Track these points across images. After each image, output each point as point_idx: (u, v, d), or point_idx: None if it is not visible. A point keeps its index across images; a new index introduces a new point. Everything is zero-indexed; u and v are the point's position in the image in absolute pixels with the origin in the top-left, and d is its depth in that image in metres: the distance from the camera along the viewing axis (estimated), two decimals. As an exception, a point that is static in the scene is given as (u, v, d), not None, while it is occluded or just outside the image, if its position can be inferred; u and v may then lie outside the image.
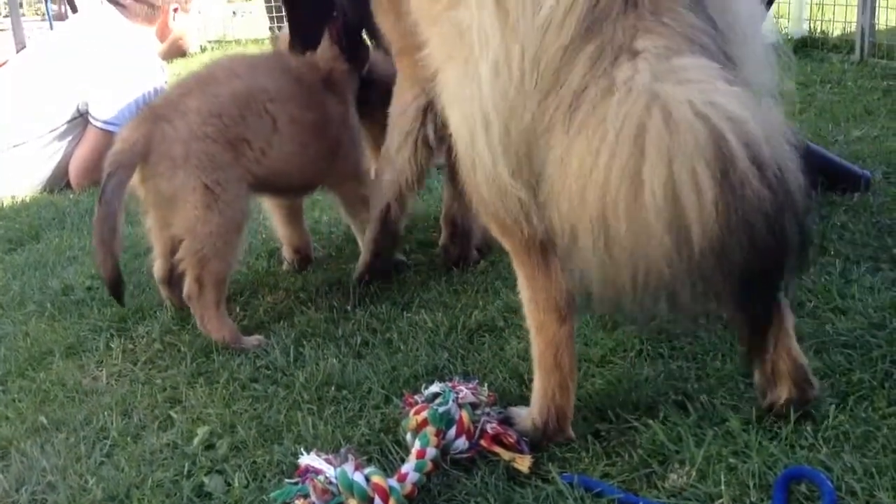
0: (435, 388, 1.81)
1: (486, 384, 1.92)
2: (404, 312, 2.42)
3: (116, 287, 2.31)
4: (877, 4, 5.69)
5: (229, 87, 2.42)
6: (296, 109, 2.49)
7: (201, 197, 2.29)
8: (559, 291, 1.67)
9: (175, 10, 4.33)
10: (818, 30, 6.46)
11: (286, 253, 2.86)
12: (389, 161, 2.48)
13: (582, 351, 2.08)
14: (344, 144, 2.65)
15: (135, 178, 2.32)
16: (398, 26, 2.24)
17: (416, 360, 2.12)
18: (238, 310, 2.56)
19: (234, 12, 11.14)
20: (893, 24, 6.55)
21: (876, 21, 5.71)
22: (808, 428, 1.65)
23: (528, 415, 1.75)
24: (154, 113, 2.37)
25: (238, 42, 9.13)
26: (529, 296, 1.71)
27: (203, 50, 8.54)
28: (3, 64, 4.63)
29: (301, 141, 2.50)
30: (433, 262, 2.78)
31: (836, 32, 6.30)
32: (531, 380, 1.96)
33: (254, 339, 2.32)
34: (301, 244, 2.85)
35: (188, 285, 2.33)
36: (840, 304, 2.16)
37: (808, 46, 6.22)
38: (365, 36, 2.81)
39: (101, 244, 2.25)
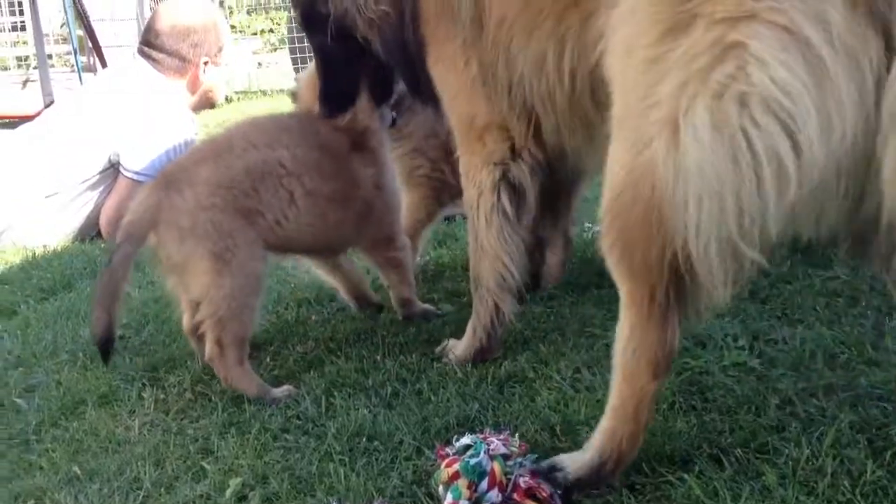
0: (466, 439, 1.81)
1: (517, 435, 1.92)
2: (434, 362, 2.43)
3: (105, 345, 2.29)
4: None
5: (244, 159, 2.41)
6: (315, 181, 2.47)
7: (211, 264, 2.30)
8: (665, 346, 1.66)
9: (206, 63, 4.42)
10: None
11: (346, 300, 2.88)
12: (482, 249, 2.36)
13: (613, 402, 2.07)
14: (376, 209, 2.63)
15: (153, 241, 2.36)
16: (474, 86, 2.22)
17: (447, 410, 2.12)
18: (268, 359, 2.57)
19: (259, 63, 11.33)
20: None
21: None
22: (846, 483, 1.64)
23: (584, 456, 1.74)
24: (166, 180, 2.39)
25: (264, 93, 9.27)
26: (631, 343, 1.69)
27: (229, 101, 8.68)
28: (37, 115, 4.73)
29: (320, 212, 2.49)
30: (462, 311, 2.79)
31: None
32: (563, 431, 1.97)
33: (283, 390, 2.33)
34: (352, 287, 2.85)
35: (209, 348, 2.34)
36: (873, 357, 2.15)
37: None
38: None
39: (99, 305, 2.27)
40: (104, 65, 7.50)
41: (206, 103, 4.64)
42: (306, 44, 9.25)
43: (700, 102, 1.43)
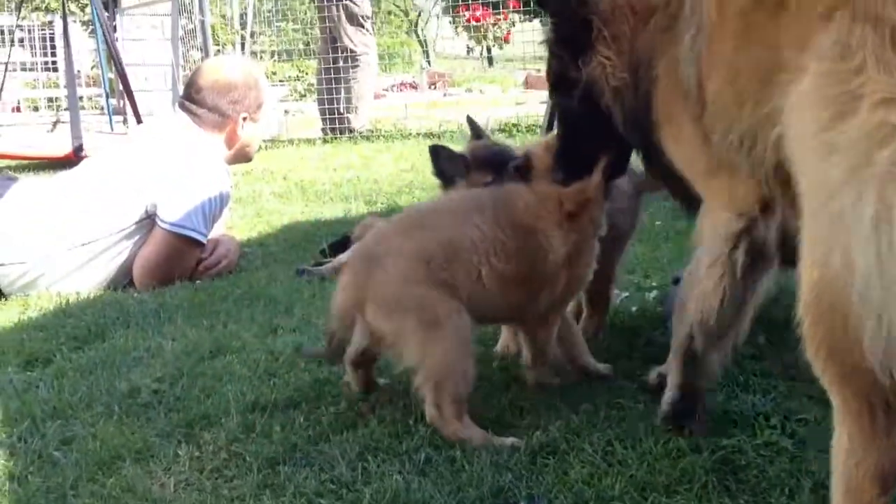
0: (504, 513, 1.83)
1: (551, 510, 1.94)
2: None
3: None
4: None
5: (437, 234, 2.50)
6: (501, 261, 2.50)
7: (422, 335, 2.39)
8: (888, 456, 1.58)
9: (244, 119, 4.53)
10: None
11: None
12: (693, 285, 2.31)
13: (646, 478, 2.10)
14: (553, 285, 2.60)
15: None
16: (704, 149, 2.18)
17: (480, 480, 2.14)
18: (301, 419, 2.59)
19: (286, 111, 11.50)
20: None
21: None
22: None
23: None
24: (365, 257, 2.52)
25: (291, 142, 9.40)
26: (852, 455, 1.62)
27: (258, 149, 8.80)
28: (65, 157, 4.81)
29: (500, 292, 2.53)
30: (493, 378, 2.82)
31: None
32: (597, 507, 1.99)
33: (510, 441, 2.36)
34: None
35: (429, 411, 2.42)
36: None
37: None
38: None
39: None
40: (135, 108, 7.65)
41: (243, 158, 4.73)
42: (334, 94, 9.43)
43: (866, 194, 1.41)
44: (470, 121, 3.26)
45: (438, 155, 2.95)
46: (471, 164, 2.93)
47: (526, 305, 2.61)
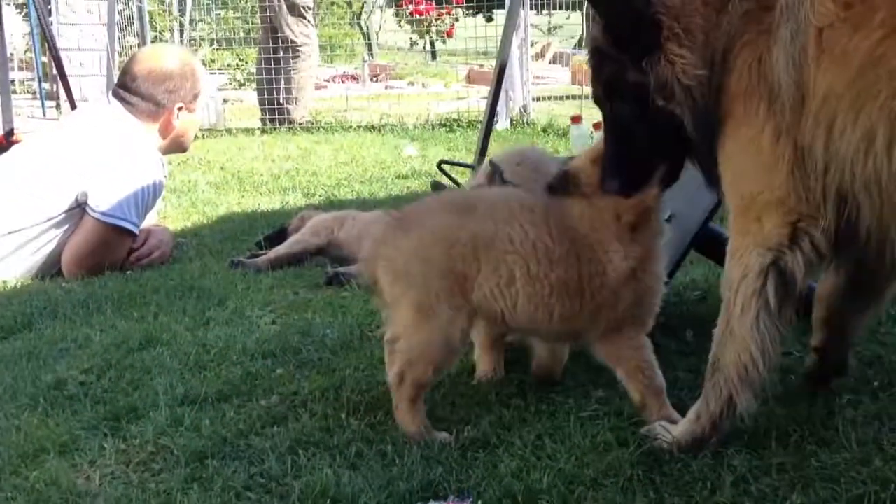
0: (432, 507, 1.84)
1: (479, 502, 1.96)
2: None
3: None
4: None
5: (477, 223, 2.38)
6: (543, 268, 2.36)
7: (412, 314, 2.36)
8: None
9: (180, 109, 4.46)
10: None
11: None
12: (730, 334, 2.16)
13: (574, 472, 2.13)
14: (613, 301, 2.38)
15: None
16: (778, 167, 2.06)
17: (411, 474, 2.14)
18: (231, 413, 2.57)
19: (225, 100, 11.35)
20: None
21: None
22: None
23: None
24: (401, 218, 2.49)
25: (229, 132, 9.29)
26: None
27: (195, 138, 8.67)
28: (3, 142, 4.71)
29: (542, 302, 2.37)
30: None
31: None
32: (525, 500, 2.02)
33: (444, 436, 2.34)
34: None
35: (391, 375, 2.41)
36: (824, 436, 2.23)
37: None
38: None
39: None
40: (69, 93, 7.48)
41: (177, 148, 4.66)
42: (274, 85, 9.34)
43: None
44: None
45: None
46: None
47: (579, 321, 2.41)
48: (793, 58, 1.97)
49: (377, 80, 14.35)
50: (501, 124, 8.56)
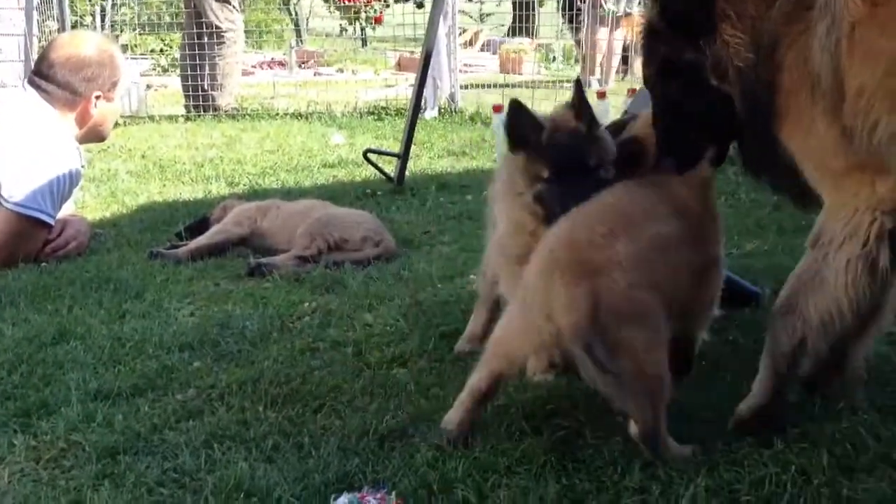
0: (343, 499, 1.86)
1: (394, 493, 1.97)
2: (316, 415, 2.46)
3: None
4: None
5: (645, 231, 2.28)
6: (688, 253, 2.35)
7: (646, 344, 2.14)
8: None
9: (97, 97, 4.34)
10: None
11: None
12: (815, 287, 2.18)
13: (489, 460, 2.15)
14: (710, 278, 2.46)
15: None
16: (842, 143, 2.10)
17: (327, 465, 2.15)
18: (146, 407, 2.54)
19: (148, 86, 11.11)
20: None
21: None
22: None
23: None
24: (586, 268, 2.16)
25: (152, 118, 9.09)
26: None
27: (116, 125, 8.47)
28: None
29: (686, 285, 2.35)
30: (346, 363, 2.83)
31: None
32: (440, 489, 2.04)
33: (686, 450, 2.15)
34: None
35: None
36: (729, 421, 2.29)
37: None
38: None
39: None
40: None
41: (95, 137, 4.54)
42: (198, 71, 9.16)
43: None
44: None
45: (518, 114, 2.59)
46: (545, 145, 2.57)
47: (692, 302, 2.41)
48: (830, 54, 2.06)
49: (306, 67, 14.19)
50: (429, 113, 8.55)
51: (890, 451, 2.12)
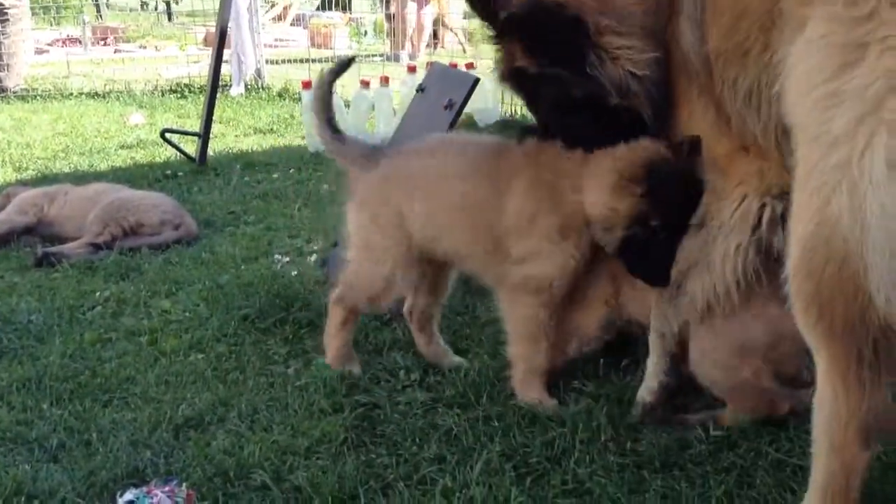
0: (129, 495, 1.80)
1: (184, 485, 1.91)
2: (106, 409, 2.35)
3: None
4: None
5: None
6: None
7: None
8: (872, 411, 1.56)
9: None
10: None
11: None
12: (702, 269, 2.14)
13: (288, 442, 2.13)
14: None
15: None
16: (721, 125, 2.02)
17: (116, 461, 2.06)
18: (-85, 413, 2.34)
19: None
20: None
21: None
22: None
23: None
24: None
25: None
26: (835, 412, 1.57)
27: None
28: None
29: None
30: (140, 352, 2.71)
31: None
32: (236, 476, 1.99)
33: None
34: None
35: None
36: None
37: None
38: None
39: None
40: None
41: None
42: None
43: (876, 140, 1.38)
44: None
45: None
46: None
47: None
48: (696, 25, 1.96)
49: (105, 44, 13.44)
50: (235, 90, 8.30)
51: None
